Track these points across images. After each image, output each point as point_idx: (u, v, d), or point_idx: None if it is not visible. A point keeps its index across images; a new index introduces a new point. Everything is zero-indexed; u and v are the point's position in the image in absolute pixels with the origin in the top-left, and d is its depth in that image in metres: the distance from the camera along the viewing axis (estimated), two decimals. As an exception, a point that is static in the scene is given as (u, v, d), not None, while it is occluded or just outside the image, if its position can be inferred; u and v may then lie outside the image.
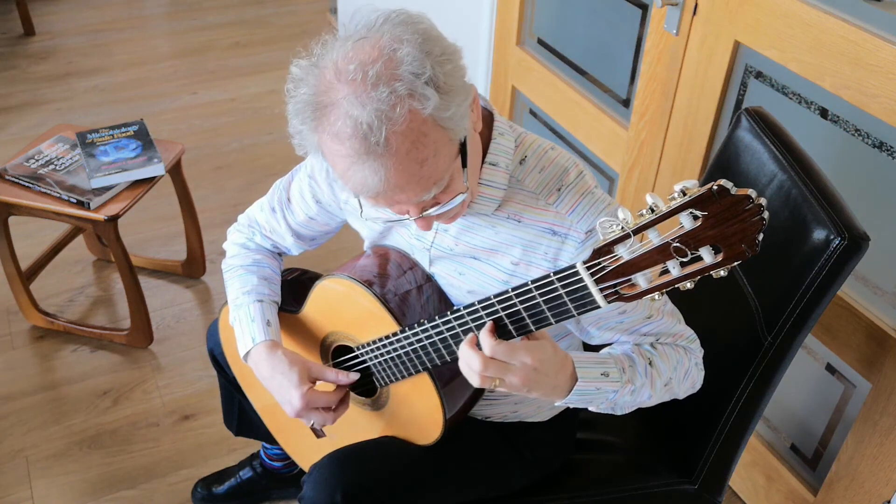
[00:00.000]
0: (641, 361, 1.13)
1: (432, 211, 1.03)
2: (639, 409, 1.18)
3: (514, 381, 1.00)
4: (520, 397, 1.33)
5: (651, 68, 1.91)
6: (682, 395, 1.22)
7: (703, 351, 1.22)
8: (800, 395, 1.70)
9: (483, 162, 1.11)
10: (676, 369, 1.16)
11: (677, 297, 1.12)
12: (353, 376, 1.26)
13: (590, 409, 1.12)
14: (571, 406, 1.11)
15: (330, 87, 0.94)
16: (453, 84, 0.95)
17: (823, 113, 1.53)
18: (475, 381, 1.01)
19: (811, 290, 1.17)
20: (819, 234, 1.15)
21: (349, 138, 0.92)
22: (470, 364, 1.01)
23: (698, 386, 1.22)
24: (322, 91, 0.95)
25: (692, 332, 1.22)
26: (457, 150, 0.99)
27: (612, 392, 1.09)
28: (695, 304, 1.31)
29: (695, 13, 1.74)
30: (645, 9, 1.94)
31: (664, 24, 1.83)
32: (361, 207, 1.09)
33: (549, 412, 1.39)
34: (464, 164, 1.01)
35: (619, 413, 1.16)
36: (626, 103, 2.09)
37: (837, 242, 1.13)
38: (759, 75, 1.65)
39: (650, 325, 1.16)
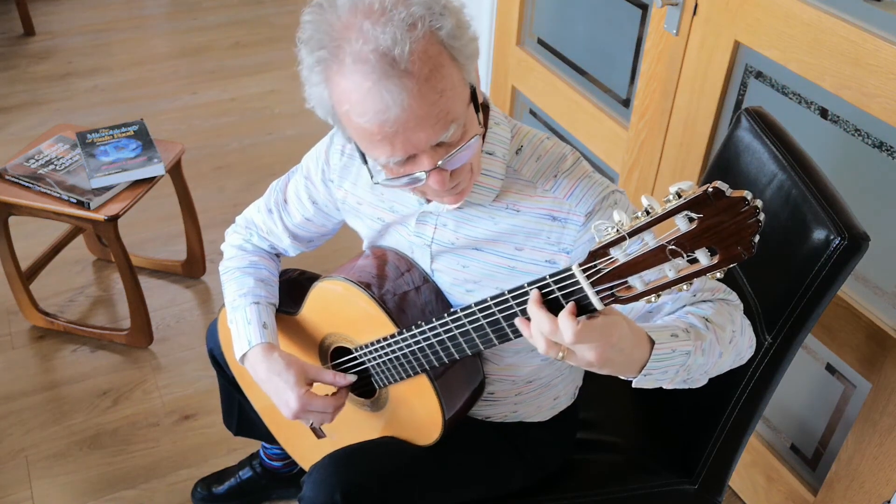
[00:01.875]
0: (697, 321, 1.06)
1: (446, 160, 1.00)
2: (638, 409, 1.16)
3: (587, 356, 0.92)
4: (520, 398, 1.33)
5: (651, 68, 1.91)
6: (745, 352, 1.13)
7: (742, 304, 1.15)
8: (800, 395, 1.70)
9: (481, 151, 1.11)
10: (733, 321, 1.09)
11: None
12: (351, 378, 1.26)
13: (664, 385, 1.03)
14: (647, 382, 1.01)
15: (348, 24, 0.95)
16: (463, 20, 0.99)
17: (823, 113, 1.53)
18: (541, 347, 0.93)
19: (811, 290, 1.17)
20: (819, 234, 1.15)
21: (371, 55, 0.92)
22: (541, 327, 0.92)
23: (754, 341, 1.14)
24: (340, 29, 0.95)
25: (725, 285, 1.16)
26: (469, 95, 1.00)
27: (683, 354, 1.01)
28: (695, 304, 1.31)
29: (695, 13, 1.74)
30: (645, 9, 1.94)
31: (664, 24, 1.82)
32: (372, 174, 1.06)
33: (550, 412, 1.39)
34: (476, 110, 1.02)
35: (691, 385, 1.08)
36: (626, 103, 2.09)
37: (837, 242, 1.13)
38: (759, 75, 1.65)
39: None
